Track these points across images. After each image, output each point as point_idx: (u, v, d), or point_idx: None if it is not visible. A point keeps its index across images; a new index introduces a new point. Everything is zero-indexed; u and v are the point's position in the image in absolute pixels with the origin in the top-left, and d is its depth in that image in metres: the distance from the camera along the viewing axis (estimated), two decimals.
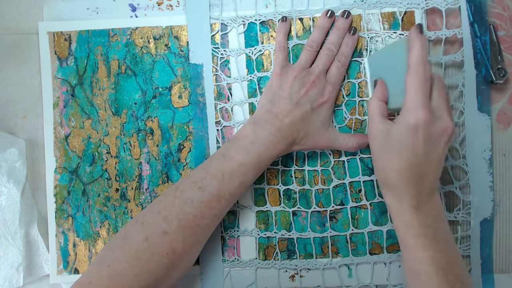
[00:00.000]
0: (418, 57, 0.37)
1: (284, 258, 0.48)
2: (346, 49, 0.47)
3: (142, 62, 0.49)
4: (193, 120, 0.49)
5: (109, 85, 0.49)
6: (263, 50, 0.48)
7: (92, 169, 0.49)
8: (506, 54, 0.48)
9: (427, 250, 0.38)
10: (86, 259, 0.48)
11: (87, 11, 0.49)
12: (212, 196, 0.41)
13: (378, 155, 0.40)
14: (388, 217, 0.48)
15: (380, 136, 0.40)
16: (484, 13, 0.47)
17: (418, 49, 0.37)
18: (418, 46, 0.37)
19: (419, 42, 0.37)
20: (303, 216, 0.48)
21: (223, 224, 0.48)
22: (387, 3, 0.48)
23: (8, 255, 0.48)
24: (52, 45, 0.49)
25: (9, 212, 0.47)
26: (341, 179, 0.48)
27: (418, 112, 0.37)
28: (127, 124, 0.49)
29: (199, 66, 0.49)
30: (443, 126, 0.37)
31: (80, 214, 0.49)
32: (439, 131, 0.37)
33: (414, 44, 0.38)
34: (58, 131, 0.49)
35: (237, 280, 0.48)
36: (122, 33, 0.49)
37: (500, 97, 0.48)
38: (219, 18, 0.49)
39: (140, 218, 0.41)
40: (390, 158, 0.39)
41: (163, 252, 0.40)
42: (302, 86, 0.45)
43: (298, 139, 0.44)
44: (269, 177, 0.48)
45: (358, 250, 0.48)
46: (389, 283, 0.48)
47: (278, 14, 0.48)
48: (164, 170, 0.49)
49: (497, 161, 0.48)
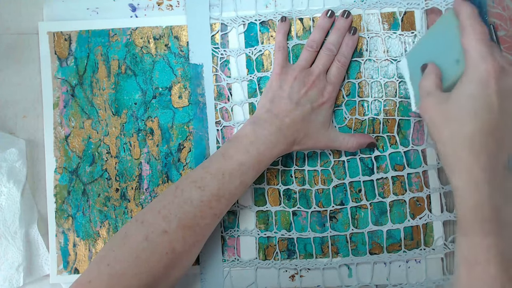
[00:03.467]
0: (471, 16, 0.35)
1: (284, 258, 0.48)
2: (346, 49, 0.47)
3: (142, 62, 0.49)
4: (193, 120, 0.49)
5: (109, 85, 0.49)
6: (263, 50, 0.48)
7: (92, 169, 0.49)
8: (506, 54, 0.48)
9: (493, 236, 0.33)
10: (86, 259, 0.48)
11: (87, 11, 0.49)
12: (212, 195, 0.41)
13: (442, 127, 0.35)
14: (388, 217, 0.48)
15: (442, 105, 0.36)
16: (484, 13, 0.47)
17: (468, 10, 0.35)
18: (468, 7, 0.35)
19: (466, 5, 0.35)
20: (303, 216, 0.48)
21: (223, 224, 0.48)
22: (387, 3, 0.48)
23: (8, 255, 0.48)
24: (52, 45, 0.49)
25: (9, 212, 0.47)
26: (341, 179, 0.48)
27: (486, 61, 0.33)
28: (127, 124, 0.49)
29: (199, 66, 0.49)
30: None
31: (80, 214, 0.49)
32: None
33: (462, 8, 0.35)
34: (58, 131, 0.49)
35: (237, 280, 0.48)
36: (122, 33, 0.49)
37: None
38: (219, 18, 0.49)
39: (140, 217, 0.41)
40: (460, 123, 0.34)
41: (163, 251, 0.40)
42: (302, 86, 0.45)
43: (298, 139, 0.44)
44: (269, 177, 0.48)
45: (358, 250, 0.48)
46: (389, 283, 0.48)
47: (278, 14, 0.48)
48: (164, 170, 0.49)
49: None
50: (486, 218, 0.34)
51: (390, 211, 0.48)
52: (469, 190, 0.34)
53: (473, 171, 0.34)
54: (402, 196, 0.48)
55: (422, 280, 0.48)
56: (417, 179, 0.48)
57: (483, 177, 0.33)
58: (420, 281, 0.48)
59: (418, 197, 0.48)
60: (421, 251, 0.47)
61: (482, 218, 0.34)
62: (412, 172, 0.48)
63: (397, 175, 0.48)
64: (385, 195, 0.48)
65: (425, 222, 0.47)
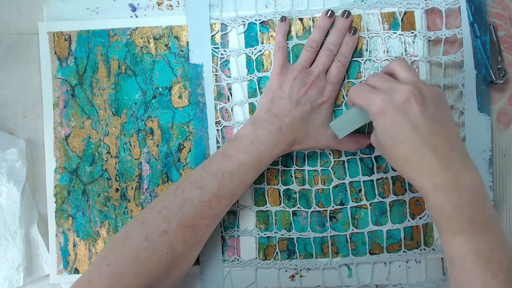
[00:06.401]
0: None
1: (284, 258, 0.48)
2: (346, 49, 0.47)
3: (142, 62, 0.49)
4: (193, 120, 0.49)
5: (109, 85, 0.49)
6: (263, 50, 0.48)
7: (92, 169, 0.49)
8: (506, 54, 0.48)
9: (461, 234, 0.34)
10: (86, 259, 0.48)
11: (87, 11, 0.49)
12: (212, 195, 0.41)
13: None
14: (388, 217, 0.48)
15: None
16: (484, 13, 0.47)
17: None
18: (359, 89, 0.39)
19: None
20: (303, 216, 0.48)
21: (223, 224, 0.48)
22: (387, 3, 0.48)
23: (8, 255, 0.48)
24: (52, 45, 0.49)
25: (9, 212, 0.47)
26: (341, 179, 0.48)
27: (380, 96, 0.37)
28: (127, 124, 0.49)
29: (199, 66, 0.49)
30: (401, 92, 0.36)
31: (80, 214, 0.49)
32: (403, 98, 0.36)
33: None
34: (58, 131, 0.49)
35: (237, 280, 0.48)
36: (122, 33, 0.49)
37: (500, 97, 0.48)
38: (219, 18, 0.49)
39: (140, 218, 0.41)
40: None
41: (163, 251, 0.40)
42: (302, 86, 0.45)
43: (298, 138, 0.44)
44: (269, 177, 0.48)
45: (358, 250, 0.48)
46: (389, 283, 0.48)
47: (278, 14, 0.48)
48: (164, 170, 0.49)
49: (497, 161, 0.48)
50: (450, 217, 0.34)
51: (390, 211, 0.48)
52: (427, 194, 0.35)
53: (424, 177, 0.36)
54: (402, 196, 0.48)
55: (422, 280, 0.48)
56: None
57: (435, 181, 0.35)
58: (420, 281, 0.48)
59: (418, 197, 0.48)
60: (421, 251, 0.47)
61: (446, 217, 0.35)
62: None
63: (397, 175, 0.48)
64: (385, 195, 0.48)
65: (425, 222, 0.47)
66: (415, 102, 0.36)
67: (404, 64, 0.39)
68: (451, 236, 0.34)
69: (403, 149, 0.36)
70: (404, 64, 0.39)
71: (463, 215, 0.34)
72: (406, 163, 0.36)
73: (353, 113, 0.42)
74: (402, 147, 0.36)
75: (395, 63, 0.40)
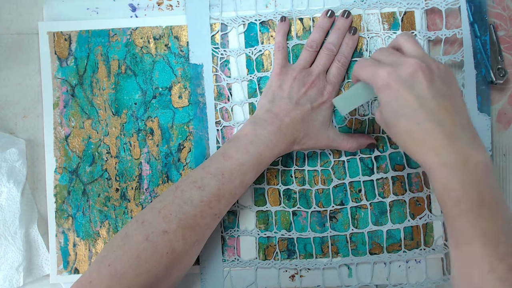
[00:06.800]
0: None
1: (284, 258, 0.48)
2: (346, 49, 0.47)
3: (142, 62, 0.49)
4: (193, 120, 0.49)
5: (109, 85, 0.49)
6: (263, 50, 0.48)
7: (92, 169, 0.49)
8: (506, 54, 0.48)
9: (469, 215, 0.32)
10: (86, 259, 0.48)
11: (87, 11, 0.49)
12: (212, 195, 0.41)
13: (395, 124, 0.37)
14: (388, 217, 0.48)
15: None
16: (484, 13, 0.47)
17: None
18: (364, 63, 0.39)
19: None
20: (303, 216, 0.48)
21: (223, 224, 0.48)
22: (387, 3, 0.48)
23: (8, 255, 0.48)
24: (52, 45, 0.49)
25: (9, 212, 0.47)
26: (341, 179, 0.48)
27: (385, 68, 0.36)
28: (127, 124, 0.49)
29: (199, 66, 0.49)
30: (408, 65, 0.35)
31: (80, 214, 0.49)
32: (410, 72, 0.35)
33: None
34: (58, 131, 0.49)
35: (237, 280, 0.48)
36: (122, 33, 0.49)
37: (500, 97, 0.48)
38: (219, 18, 0.49)
39: (140, 218, 0.41)
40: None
41: (163, 251, 0.40)
42: (301, 86, 0.45)
43: (298, 138, 0.44)
44: (269, 177, 0.48)
45: (358, 250, 0.48)
46: (389, 283, 0.48)
47: (278, 14, 0.48)
48: (164, 170, 0.49)
49: (497, 161, 0.48)
50: (457, 197, 0.33)
51: (390, 211, 0.48)
52: (439, 169, 0.34)
53: (429, 154, 0.34)
54: (402, 196, 0.48)
55: (422, 280, 0.48)
56: (417, 179, 0.48)
57: (444, 159, 0.33)
58: (420, 281, 0.48)
59: (418, 197, 0.48)
60: (421, 251, 0.47)
61: (453, 198, 0.33)
62: (412, 172, 0.48)
63: (397, 175, 0.48)
64: (385, 195, 0.48)
65: (425, 222, 0.47)
66: (423, 75, 0.34)
67: (411, 38, 0.38)
68: (457, 217, 0.33)
69: (407, 124, 0.35)
70: (411, 38, 0.38)
71: (472, 195, 0.32)
72: (410, 138, 0.35)
73: (356, 89, 0.41)
74: (406, 122, 0.35)
75: (401, 37, 0.39)
